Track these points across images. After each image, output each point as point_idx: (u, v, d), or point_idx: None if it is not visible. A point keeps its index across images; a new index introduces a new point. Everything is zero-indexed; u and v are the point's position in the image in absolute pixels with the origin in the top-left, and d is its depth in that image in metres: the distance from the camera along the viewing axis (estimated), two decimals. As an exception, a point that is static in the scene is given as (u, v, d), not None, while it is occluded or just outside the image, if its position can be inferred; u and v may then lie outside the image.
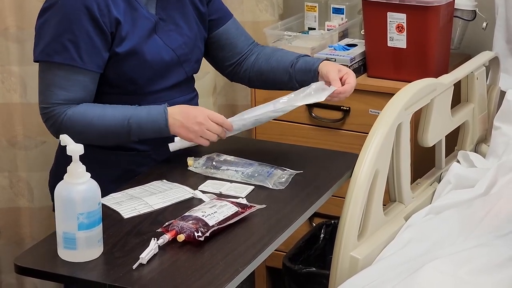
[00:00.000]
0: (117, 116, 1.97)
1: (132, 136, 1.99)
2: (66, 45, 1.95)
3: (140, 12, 2.03)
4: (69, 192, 1.64)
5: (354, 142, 2.59)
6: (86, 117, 1.97)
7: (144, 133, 1.99)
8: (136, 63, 2.02)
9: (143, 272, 1.63)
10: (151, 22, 2.05)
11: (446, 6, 2.56)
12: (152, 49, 2.04)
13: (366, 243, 2.03)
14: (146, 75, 2.04)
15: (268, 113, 2.07)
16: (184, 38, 2.10)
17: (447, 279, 1.79)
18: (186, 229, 1.71)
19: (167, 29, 2.08)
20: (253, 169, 2.00)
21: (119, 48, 2.00)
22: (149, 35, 2.04)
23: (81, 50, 1.95)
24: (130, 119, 1.97)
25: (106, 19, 1.97)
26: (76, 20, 1.95)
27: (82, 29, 1.95)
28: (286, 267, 2.37)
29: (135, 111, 1.98)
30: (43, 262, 1.68)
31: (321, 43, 2.74)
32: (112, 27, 1.98)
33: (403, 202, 2.21)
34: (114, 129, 1.98)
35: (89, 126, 1.97)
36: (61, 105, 1.97)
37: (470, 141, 2.54)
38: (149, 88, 2.06)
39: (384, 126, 2.06)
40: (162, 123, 1.98)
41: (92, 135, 1.98)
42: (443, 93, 2.32)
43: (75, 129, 1.96)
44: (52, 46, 1.95)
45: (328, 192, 1.96)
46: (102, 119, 1.97)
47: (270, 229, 1.79)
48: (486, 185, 2.25)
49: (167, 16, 2.08)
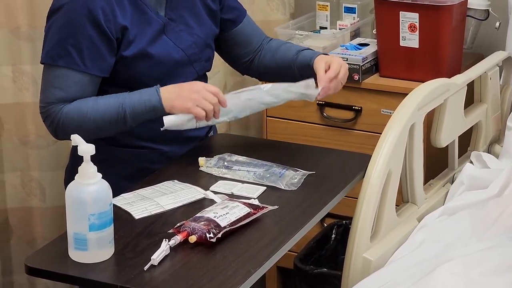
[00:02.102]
0: (111, 104, 1.96)
1: (128, 121, 1.96)
2: (69, 49, 1.95)
3: (148, 15, 2.03)
4: (80, 192, 1.63)
5: (365, 142, 2.58)
6: (81, 111, 1.96)
7: (139, 114, 1.96)
8: (145, 65, 2.02)
9: (154, 274, 1.63)
10: (159, 24, 2.04)
11: (459, 6, 2.54)
12: (161, 50, 2.03)
13: (379, 245, 2.02)
14: (156, 75, 2.04)
15: (260, 95, 2.04)
16: (194, 37, 2.10)
17: (460, 280, 1.78)
18: (197, 230, 1.70)
19: (177, 30, 2.07)
20: (265, 169, 1.99)
21: (127, 51, 2.00)
22: (157, 37, 2.04)
23: (84, 55, 1.95)
24: (123, 104, 1.96)
25: (111, 25, 1.96)
26: (80, 25, 1.94)
27: (85, 34, 1.95)
28: (297, 267, 2.36)
29: (128, 96, 1.97)
30: (54, 263, 1.68)
31: (333, 42, 2.73)
32: (117, 33, 1.98)
33: (416, 203, 2.20)
34: (109, 117, 1.96)
35: (85, 119, 1.96)
36: (58, 103, 1.97)
37: (483, 141, 2.53)
38: None
39: (397, 126, 2.05)
40: (155, 100, 1.95)
41: (90, 127, 1.97)
42: (457, 93, 2.31)
43: (73, 125, 1.96)
44: (56, 50, 1.96)
45: (341, 193, 1.95)
46: (96, 110, 1.96)
47: (282, 230, 1.78)
48: (500, 186, 2.24)
49: (177, 16, 2.08)
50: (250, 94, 2.04)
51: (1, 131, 2.63)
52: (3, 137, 2.63)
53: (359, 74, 2.58)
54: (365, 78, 2.61)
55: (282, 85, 2.06)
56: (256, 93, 2.05)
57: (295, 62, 2.16)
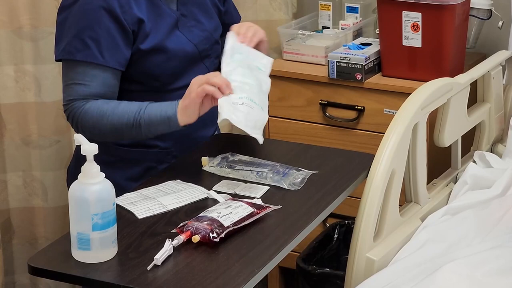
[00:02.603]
0: (130, 109, 1.95)
1: (142, 128, 1.93)
2: (87, 42, 1.94)
3: (162, 8, 2.03)
4: (83, 192, 1.63)
5: (368, 142, 2.58)
6: (100, 110, 1.95)
7: (153, 124, 1.92)
8: (159, 59, 2.02)
9: (157, 273, 1.62)
10: (173, 18, 2.05)
11: (461, 5, 2.54)
12: (175, 44, 2.04)
13: (382, 244, 2.02)
14: (169, 71, 2.04)
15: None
16: (205, 33, 2.11)
17: (463, 281, 1.78)
18: (201, 230, 1.70)
19: (189, 25, 2.08)
20: (268, 169, 1.99)
21: (143, 44, 2.00)
22: (171, 31, 2.04)
23: (102, 47, 1.95)
24: (141, 110, 1.94)
25: (128, 17, 1.97)
26: (96, 17, 1.94)
27: (103, 26, 1.94)
28: (299, 267, 2.36)
29: (149, 104, 1.96)
30: (57, 263, 1.67)
31: (335, 42, 2.73)
32: (134, 25, 1.98)
33: (419, 203, 2.20)
34: (126, 121, 1.94)
35: (102, 118, 1.95)
36: (80, 100, 1.97)
37: (487, 141, 2.53)
38: (172, 85, 2.06)
39: (401, 126, 2.04)
40: (171, 111, 1.91)
41: (106, 128, 1.95)
42: (460, 93, 2.30)
43: (89, 123, 1.96)
44: (73, 44, 1.95)
45: (344, 192, 1.95)
46: (115, 111, 1.95)
47: (285, 230, 1.78)
48: (503, 185, 2.23)
49: (188, 12, 2.09)
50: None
51: (4, 131, 2.63)
52: (5, 137, 2.63)
53: (362, 74, 2.58)
54: (368, 78, 2.61)
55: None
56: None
57: None
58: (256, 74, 2.04)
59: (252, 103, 1.96)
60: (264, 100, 2.02)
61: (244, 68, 2.01)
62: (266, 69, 2.07)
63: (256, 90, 2.00)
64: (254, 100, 1.96)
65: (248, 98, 1.96)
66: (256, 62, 2.07)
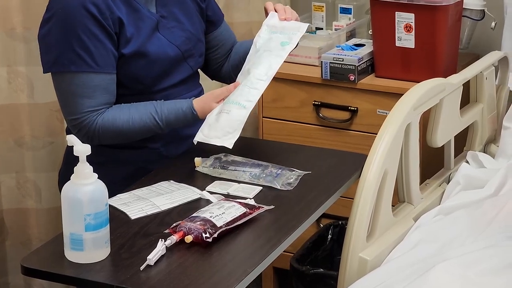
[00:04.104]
0: (147, 123, 2.00)
1: (164, 131, 2.03)
2: (78, 52, 1.94)
3: (142, 12, 2.03)
4: (76, 192, 1.63)
5: (361, 143, 2.58)
6: (116, 125, 1.98)
7: (174, 125, 2.04)
8: (142, 63, 2.03)
9: (150, 274, 1.62)
10: (153, 21, 2.05)
11: (454, 6, 2.54)
12: (157, 47, 2.04)
13: (375, 244, 2.02)
14: (152, 73, 2.04)
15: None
16: (186, 33, 2.10)
17: (456, 280, 1.78)
18: (194, 230, 1.70)
19: (169, 26, 2.08)
20: (261, 169, 1.99)
21: (125, 49, 2.00)
22: (152, 34, 2.04)
23: (94, 55, 1.95)
24: (161, 120, 2.00)
25: (109, 21, 1.97)
26: (81, 25, 1.94)
27: (89, 33, 1.94)
28: (293, 268, 2.36)
29: (165, 116, 2.01)
30: (50, 264, 1.67)
31: (329, 43, 2.73)
32: (116, 27, 1.98)
33: (412, 203, 2.20)
34: (146, 132, 2.02)
35: (120, 133, 1.99)
36: (90, 113, 1.97)
37: (479, 141, 2.53)
38: (156, 86, 2.07)
39: (393, 126, 2.05)
40: (191, 117, 2.02)
41: (126, 139, 2.02)
42: (452, 93, 2.31)
43: (108, 136, 1.99)
44: (65, 56, 1.95)
45: (337, 193, 1.95)
46: (132, 125, 1.99)
47: (278, 230, 1.78)
48: (496, 185, 2.24)
49: (168, 13, 2.08)
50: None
51: (-3, 132, 2.63)
52: (-2, 139, 2.63)
53: (355, 75, 2.58)
54: (361, 79, 2.61)
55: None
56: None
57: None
58: (268, 55, 2.06)
59: (230, 105, 1.99)
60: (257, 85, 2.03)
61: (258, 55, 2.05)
62: (293, 40, 2.08)
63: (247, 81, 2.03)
64: (233, 100, 2.01)
65: (226, 102, 2.01)
66: (285, 37, 2.08)
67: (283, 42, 2.08)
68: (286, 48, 2.07)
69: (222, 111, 2.00)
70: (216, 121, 2.00)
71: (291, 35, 2.09)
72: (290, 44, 2.07)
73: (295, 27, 2.10)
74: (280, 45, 2.07)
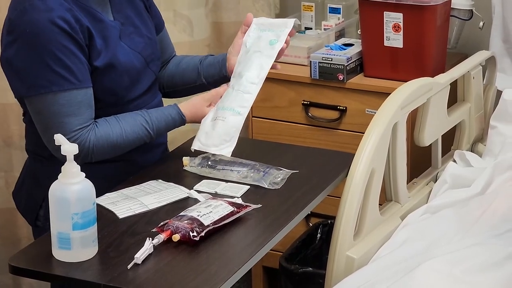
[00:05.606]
0: (139, 134, 1.99)
1: (153, 139, 2.04)
2: (57, 71, 1.87)
3: (105, 22, 1.97)
4: (64, 192, 1.64)
5: (350, 142, 2.59)
6: (110, 141, 1.95)
7: (163, 132, 2.07)
8: (113, 75, 1.98)
9: (138, 272, 1.63)
10: (117, 30, 2.00)
11: (442, 6, 2.55)
12: (123, 56, 2.00)
13: (362, 243, 2.03)
14: (123, 84, 2.01)
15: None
16: (144, 38, 2.07)
17: (443, 278, 1.79)
18: (181, 229, 1.71)
19: (128, 33, 2.03)
20: (249, 168, 2.00)
21: (97, 61, 1.94)
22: (117, 44, 1.99)
23: (74, 70, 1.88)
24: (152, 130, 2.01)
25: (79, 34, 1.90)
26: (53, 42, 1.86)
27: (63, 49, 1.87)
28: (282, 267, 2.37)
29: (156, 125, 2.01)
30: (38, 262, 1.68)
31: (318, 42, 2.74)
32: (86, 39, 1.92)
33: (399, 202, 2.21)
34: (138, 143, 2.00)
35: (115, 148, 1.97)
36: (80, 130, 1.91)
37: (467, 140, 2.54)
38: (127, 97, 2.03)
39: (380, 126, 2.06)
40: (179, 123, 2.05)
41: (119, 153, 1.99)
42: (440, 93, 2.32)
43: (102, 152, 1.95)
44: (43, 77, 1.87)
45: (324, 191, 1.96)
46: (126, 138, 1.97)
47: (265, 228, 1.79)
48: (483, 184, 2.25)
49: (124, 18, 2.04)
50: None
51: (-15, 132, 2.62)
52: (-13, 139, 2.63)
53: (344, 74, 2.59)
54: (350, 78, 2.62)
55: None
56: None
57: (203, 62, 2.16)
58: (257, 56, 2.07)
59: (225, 112, 2.00)
60: (250, 89, 2.04)
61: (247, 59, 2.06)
62: (281, 38, 2.08)
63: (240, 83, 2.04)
64: (227, 107, 2.01)
65: (220, 108, 2.01)
66: (273, 34, 2.09)
67: (272, 40, 2.09)
68: (275, 47, 2.07)
69: (218, 118, 2.01)
70: (212, 128, 2.00)
71: (278, 32, 2.09)
72: (278, 42, 2.08)
73: (283, 23, 2.11)
74: (269, 44, 2.08)
